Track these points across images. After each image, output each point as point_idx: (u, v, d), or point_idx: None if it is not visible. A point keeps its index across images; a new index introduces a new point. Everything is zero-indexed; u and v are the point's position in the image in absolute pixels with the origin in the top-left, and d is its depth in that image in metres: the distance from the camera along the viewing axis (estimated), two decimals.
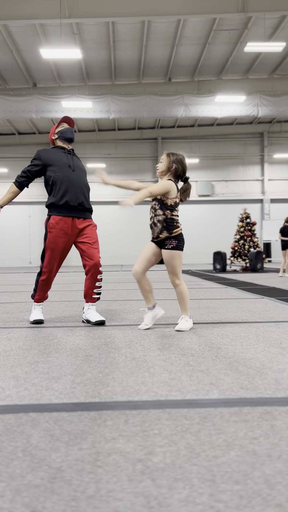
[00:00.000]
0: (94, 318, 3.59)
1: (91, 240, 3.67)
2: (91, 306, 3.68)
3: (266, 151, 23.79)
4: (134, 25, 13.99)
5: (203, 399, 1.73)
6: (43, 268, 3.68)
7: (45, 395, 1.80)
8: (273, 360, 2.34)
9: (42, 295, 3.81)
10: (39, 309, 3.80)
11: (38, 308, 3.80)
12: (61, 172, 3.68)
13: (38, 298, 3.81)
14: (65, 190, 3.64)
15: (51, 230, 3.62)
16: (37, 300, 3.81)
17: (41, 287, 3.75)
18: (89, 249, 3.63)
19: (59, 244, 3.62)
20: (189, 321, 3.32)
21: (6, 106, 16.66)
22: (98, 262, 3.62)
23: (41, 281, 3.72)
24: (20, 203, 23.45)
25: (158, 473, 1.16)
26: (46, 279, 3.71)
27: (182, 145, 23.86)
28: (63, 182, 3.65)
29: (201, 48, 15.73)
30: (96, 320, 3.57)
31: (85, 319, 3.70)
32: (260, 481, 1.12)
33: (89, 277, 3.66)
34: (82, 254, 3.66)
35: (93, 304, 3.69)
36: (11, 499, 1.05)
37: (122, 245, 23.81)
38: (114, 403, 1.70)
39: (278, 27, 14.34)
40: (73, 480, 1.13)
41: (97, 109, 16.82)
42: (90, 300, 3.69)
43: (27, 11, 12.34)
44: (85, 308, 3.70)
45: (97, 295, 3.70)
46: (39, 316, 3.72)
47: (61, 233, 3.61)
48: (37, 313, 3.76)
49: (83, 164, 4.00)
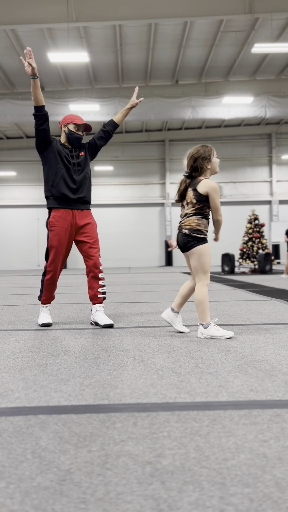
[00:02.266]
0: (102, 321, 3.59)
1: (91, 239, 3.71)
2: (99, 308, 3.68)
3: (274, 152, 23.69)
4: (141, 28, 14.03)
5: (212, 401, 1.72)
6: (47, 267, 3.71)
7: (54, 397, 1.81)
8: (283, 362, 2.32)
9: (49, 296, 3.82)
10: (47, 311, 3.81)
11: (45, 310, 3.81)
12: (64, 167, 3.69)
13: (45, 299, 3.82)
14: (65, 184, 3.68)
15: (52, 228, 3.67)
16: (44, 301, 3.82)
17: (47, 287, 3.77)
18: (89, 249, 3.68)
19: (61, 242, 3.65)
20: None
21: (14, 110, 16.77)
22: (97, 262, 3.67)
23: (46, 281, 3.74)
24: (28, 206, 23.58)
25: (167, 475, 1.16)
26: (51, 278, 3.73)
27: (189, 147, 23.64)
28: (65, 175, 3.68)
29: (208, 50, 15.73)
30: (104, 323, 3.57)
31: (93, 321, 3.71)
32: (270, 484, 1.10)
33: (91, 278, 3.70)
34: (82, 254, 3.73)
35: (101, 306, 3.69)
36: (21, 501, 1.05)
37: (130, 248, 23.82)
38: (123, 405, 1.70)
39: (285, 28, 14.29)
40: (82, 483, 1.13)
41: (104, 112, 16.87)
42: (97, 301, 3.69)
43: (35, 16, 12.42)
44: (93, 310, 3.70)
45: (102, 294, 3.71)
46: (47, 320, 3.72)
47: (62, 230, 3.66)
48: (45, 316, 3.77)
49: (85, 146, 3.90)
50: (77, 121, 3.77)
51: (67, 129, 3.76)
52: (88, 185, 3.81)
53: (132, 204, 23.98)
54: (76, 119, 3.78)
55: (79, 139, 3.80)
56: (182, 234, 3.15)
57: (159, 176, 24.09)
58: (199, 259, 3.10)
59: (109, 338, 3.09)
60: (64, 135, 3.80)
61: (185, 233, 3.12)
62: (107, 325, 3.56)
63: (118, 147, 23.70)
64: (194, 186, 3.14)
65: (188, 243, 3.12)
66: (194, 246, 3.10)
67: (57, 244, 3.65)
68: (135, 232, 23.89)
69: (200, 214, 3.12)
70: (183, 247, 3.17)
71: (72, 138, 3.76)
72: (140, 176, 24.01)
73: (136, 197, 24.00)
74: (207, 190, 3.08)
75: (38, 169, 22.79)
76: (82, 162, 3.80)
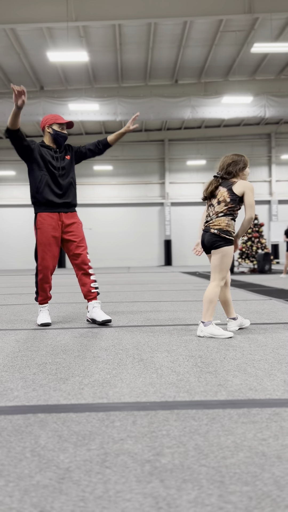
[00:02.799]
0: (100, 317, 3.59)
1: (77, 238, 3.74)
2: (96, 304, 3.68)
3: (274, 152, 23.70)
4: (141, 28, 14.02)
5: (211, 400, 1.73)
6: (38, 266, 3.72)
7: (53, 396, 1.81)
8: (282, 361, 2.32)
9: (45, 295, 3.81)
10: (45, 311, 3.80)
11: (44, 310, 3.80)
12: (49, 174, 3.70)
13: (42, 299, 3.81)
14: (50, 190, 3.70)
15: (40, 227, 3.69)
16: (41, 301, 3.82)
17: (41, 286, 3.77)
18: (76, 248, 3.71)
19: (49, 240, 3.67)
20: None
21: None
22: (85, 258, 3.71)
23: (40, 280, 3.74)
24: (27, 205, 23.55)
25: (166, 474, 1.16)
26: (43, 277, 3.72)
27: (189, 147, 23.85)
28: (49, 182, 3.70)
29: (207, 49, 15.73)
30: (102, 319, 3.57)
31: (90, 318, 3.72)
32: (269, 482, 1.11)
33: (81, 275, 3.72)
34: (69, 254, 3.76)
35: (98, 302, 3.69)
36: (20, 499, 1.05)
37: (129, 247, 23.82)
38: (122, 404, 1.70)
39: (285, 27, 14.29)
40: (82, 481, 1.13)
41: (104, 112, 16.86)
42: (92, 297, 3.70)
43: (34, 15, 12.41)
44: (90, 307, 3.70)
45: (95, 289, 3.72)
46: (46, 320, 3.71)
47: (50, 228, 3.68)
48: (44, 316, 3.76)
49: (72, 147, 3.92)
50: (60, 120, 3.76)
51: (52, 130, 3.75)
52: (73, 189, 3.83)
53: (131, 204, 23.98)
54: (58, 119, 3.78)
55: (65, 137, 3.80)
56: (210, 234, 3.18)
57: (159, 175, 24.09)
58: (221, 259, 3.16)
59: (108, 337, 3.09)
60: (49, 136, 3.78)
61: (214, 233, 3.16)
62: (105, 321, 3.57)
63: (117, 146, 23.68)
64: (228, 186, 3.23)
65: (216, 243, 3.17)
66: (221, 246, 3.16)
67: (45, 241, 3.67)
68: (134, 232, 23.89)
69: (230, 215, 3.20)
70: (209, 246, 3.21)
71: (58, 137, 3.75)
72: (139, 176, 24.00)
73: (135, 196, 24.00)
74: (244, 190, 3.19)
75: None
76: (67, 166, 3.81)
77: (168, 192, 23.78)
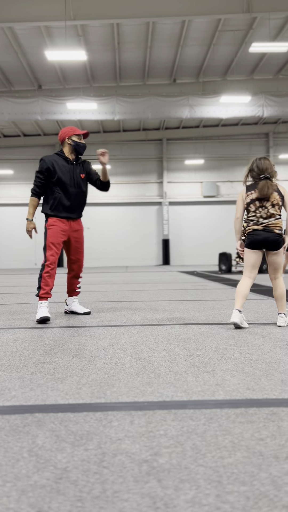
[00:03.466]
0: (82, 310, 4.25)
1: (79, 244, 4.22)
2: (75, 299, 4.31)
3: (272, 151, 23.71)
4: (139, 27, 14.00)
5: (209, 400, 1.73)
6: (46, 261, 3.97)
7: (51, 396, 1.81)
8: (280, 361, 2.33)
9: (47, 289, 3.94)
10: (45, 307, 3.86)
11: (43, 306, 3.87)
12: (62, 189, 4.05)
13: (43, 293, 3.91)
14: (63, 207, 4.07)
15: (50, 227, 4.06)
16: (42, 296, 3.91)
17: (45, 281, 3.93)
18: (76, 253, 4.21)
19: (58, 238, 4.04)
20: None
21: (11, 108, 16.71)
22: (81, 265, 4.27)
23: (45, 274, 3.95)
24: (26, 204, 23.50)
25: (164, 474, 1.16)
26: (50, 271, 3.96)
27: (187, 146, 23.84)
28: (63, 200, 4.06)
29: (206, 49, 15.72)
30: (83, 311, 4.23)
31: (69, 310, 4.30)
32: (266, 482, 1.11)
33: (73, 276, 4.27)
34: (68, 256, 4.23)
35: (76, 298, 4.31)
36: (17, 499, 1.05)
37: (127, 247, 23.81)
38: (120, 403, 1.70)
39: (283, 27, 14.29)
40: (79, 481, 1.13)
41: (102, 111, 16.83)
42: (75, 294, 4.30)
43: (32, 14, 12.38)
44: (69, 301, 4.30)
45: (79, 289, 4.33)
46: (45, 313, 3.78)
47: (59, 229, 4.06)
48: (43, 310, 3.82)
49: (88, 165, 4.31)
50: (78, 132, 4.14)
51: (72, 141, 4.12)
52: (83, 202, 4.20)
53: (130, 203, 23.97)
54: (76, 130, 4.17)
55: (84, 147, 4.19)
56: (275, 234, 3.45)
57: (157, 175, 24.07)
58: (283, 257, 3.55)
59: (106, 337, 3.09)
60: (68, 147, 4.13)
61: (279, 233, 3.46)
62: (86, 312, 4.23)
63: (115, 145, 23.67)
64: (276, 189, 3.48)
65: (281, 243, 3.47)
66: (282, 245, 3.49)
67: (54, 240, 4.02)
68: (132, 231, 23.88)
69: (280, 216, 3.51)
70: (274, 245, 3.46)
71: (79, 148, 4.13)
72: (138, 175, 23.99)
73: (133, 196, 23.99)
74: (284, 192, 3.50)
75: (35, 168, 22.71)
76: (83, 183, 4.17)
77: (166, 191, 23.78)
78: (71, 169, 4.10)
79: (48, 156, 4.09)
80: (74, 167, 4.13)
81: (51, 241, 4.00)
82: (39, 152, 22.65)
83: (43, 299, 3.89)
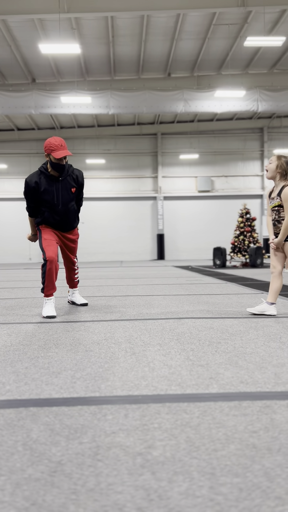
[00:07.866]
0: (80, 301, 4.52)
1: (73, 244, 4.35)
2: (75, 290, 4.58)
3: (266, 146, 23.72)
4: (134, 20, 13.91)
5: (203, 393, 1.74)
6: (47, 257, 3.88)
7: (45, 390, 1.81)
8: (273, 354, 2.34)
9: (51, 286, 3.91)
10: (51, 303, 3.87)
11: (49, 303, 3.86)
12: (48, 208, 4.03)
13: (48, 290, 3.89)
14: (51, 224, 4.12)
15: (43, 228, 4.14)
16: (47, 293, 3.89)
17: (49, 278, 3.88)
18: (71, 251, 4.38)
19: (52, 235, 4.10)
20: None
21: (5, 102, 16.59)
22: (73, 260, 4.45)
23: (48, 271, 3.87)
24: (20, 199, 23.40)
25: (158, 466, 1.17)
26: (51, 267, 3.89)
27: (181, 141, 23.79)
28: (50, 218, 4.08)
29: (200, 43, 15.66)
30: (81, 302, 4.50)
31: (70, 301, 4.59)
32: (259, 474, 1.12)
33: (68, 270, 4.51)
34: (62, 253, 4.40)
35: (76, 289, 4.57)
36: (12, 492, 1.05)
37: (122, 241, 23.79)
38: (114, 397, 1.71)
39: (278, 21, 14.26)
40: (73, 474, 1.13)
41: (96, 105, 16.74)
42: (74, 286, 4.56)
43: (26, 6, 12.26)
44: (70, 292, 4.59)
45: (77, 279, 4.55)
46: (51, 312, 3.78)
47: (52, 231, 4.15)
48: (49, 308, 3.82)
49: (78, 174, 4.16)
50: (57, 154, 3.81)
51: (50, 159, 3.91)
52: (73, 218, 4.21)
53: (124, 198, 23.92)
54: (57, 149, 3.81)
55: (63, 168, 3.95)
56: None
57: (151, 169, 24.03)
58: None
59: (101, 331, 3.10)
60: (49, 163, 3.95)
61: None
62: (83, 304, 4.49)
63: (110, 140, 23.59)
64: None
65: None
66: None
67: (48, 236, 4.05)
68: (127, 226, 23.84)
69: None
70: None
71: (56, 167, 3.93)
72: (132, 170, 23.92)
73: (128, 190, 23.94)
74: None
75: (29, 162, 22.62)
76: (71, 199, 4.10)
77: (161, 186, 23.75)
78: (57, 188, 3.96)
79: (31, 176, 3.95)
80: (60, 184, 3.98)
81: (45, 237, 4.02)
82: (33, 146, 22.52)
83: (49, 296, 3.88)
